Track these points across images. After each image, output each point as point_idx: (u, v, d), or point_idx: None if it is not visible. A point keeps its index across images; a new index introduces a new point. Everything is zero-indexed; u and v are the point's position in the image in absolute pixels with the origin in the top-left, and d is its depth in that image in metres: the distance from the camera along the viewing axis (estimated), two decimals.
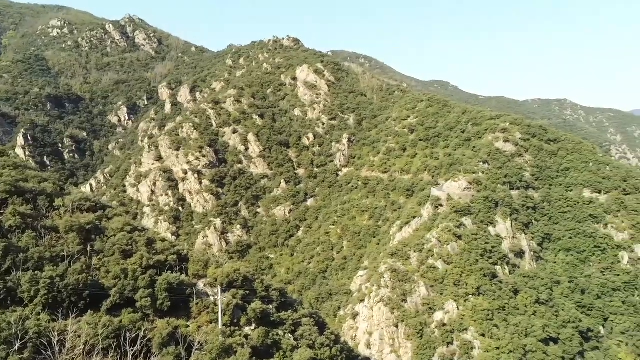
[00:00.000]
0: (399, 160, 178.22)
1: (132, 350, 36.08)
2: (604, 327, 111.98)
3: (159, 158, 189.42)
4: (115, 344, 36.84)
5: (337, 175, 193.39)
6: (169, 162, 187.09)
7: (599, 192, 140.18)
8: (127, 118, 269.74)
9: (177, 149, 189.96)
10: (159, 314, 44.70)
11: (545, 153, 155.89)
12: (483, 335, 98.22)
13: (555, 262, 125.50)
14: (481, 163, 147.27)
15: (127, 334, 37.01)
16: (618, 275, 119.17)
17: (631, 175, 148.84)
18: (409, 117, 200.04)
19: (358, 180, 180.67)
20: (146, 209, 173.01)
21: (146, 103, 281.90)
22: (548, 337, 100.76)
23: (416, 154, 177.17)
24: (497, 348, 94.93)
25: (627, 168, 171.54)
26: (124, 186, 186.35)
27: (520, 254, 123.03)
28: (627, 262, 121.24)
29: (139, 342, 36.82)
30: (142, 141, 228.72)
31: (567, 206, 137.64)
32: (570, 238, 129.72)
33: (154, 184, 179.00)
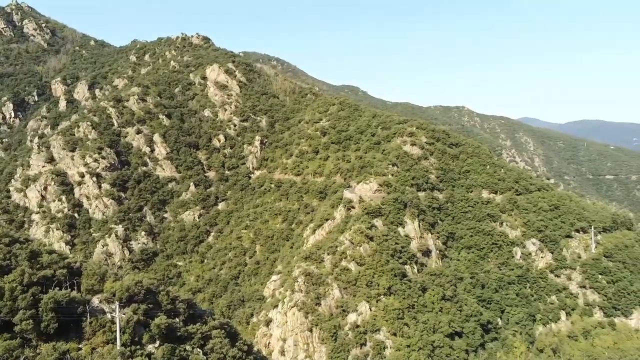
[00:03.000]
0: (312, 163, 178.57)
1: None
2: (501, 318, 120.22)
3: (51, 160, 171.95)
4: None
5: (249, 178, 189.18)
6: (62, 164, 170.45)
7: (495, 192, 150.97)
8: (13, 115, 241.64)
9: (73, 150, 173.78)
10: (44, 337, 39.00)
11: (448, 156, 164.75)
12: (394, 334, 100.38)
13: (458, 260, 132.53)
14: (390, 166, 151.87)
15: None
16: (512, 269, 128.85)
17: (522, 177, 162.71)
18: (321, 119, 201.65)
19: (271, 183, 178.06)
20: (35, 217, 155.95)
21: (36, 99, 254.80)
22: (453, 332, 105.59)
23: (328, 156, 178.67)
24: (408, 346, 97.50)
25: (518, 170, 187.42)
26: (9, 191, 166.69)
27: (427, 252, 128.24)
28: (520, 257, 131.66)
29: None
30: (31, 141, 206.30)
31: (468, 206, 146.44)
32: (471, 236, 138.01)
33: (45, 189, 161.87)
